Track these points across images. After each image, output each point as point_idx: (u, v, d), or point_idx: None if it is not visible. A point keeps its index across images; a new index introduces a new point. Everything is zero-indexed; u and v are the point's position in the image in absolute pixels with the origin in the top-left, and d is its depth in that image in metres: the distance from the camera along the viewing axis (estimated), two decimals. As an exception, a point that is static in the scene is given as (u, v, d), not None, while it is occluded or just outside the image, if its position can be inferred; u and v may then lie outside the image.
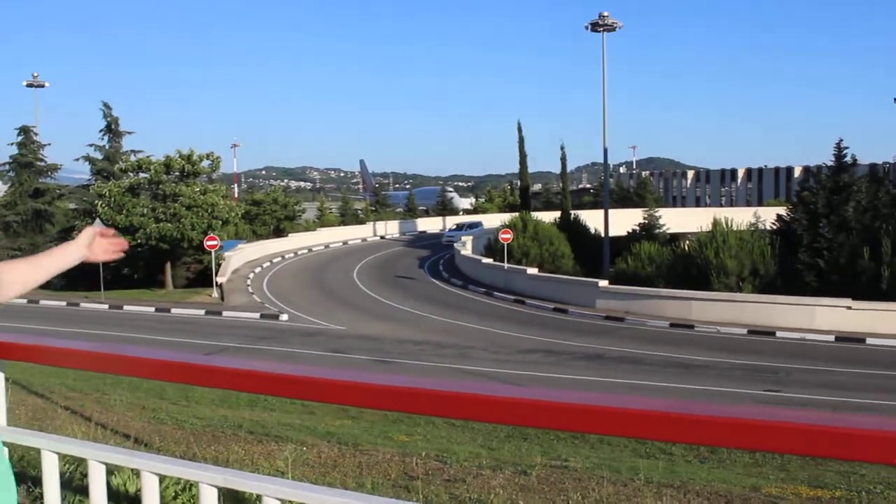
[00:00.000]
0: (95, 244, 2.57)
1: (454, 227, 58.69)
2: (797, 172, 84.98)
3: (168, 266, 42.58)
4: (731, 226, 32.36)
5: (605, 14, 45.24)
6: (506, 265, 37.90)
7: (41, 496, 2.77)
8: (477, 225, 55.45)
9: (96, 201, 42.22)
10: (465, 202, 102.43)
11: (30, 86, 57.57)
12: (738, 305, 28.05)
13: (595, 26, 45.68)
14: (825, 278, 29.85)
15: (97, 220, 37.84)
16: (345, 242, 60.24)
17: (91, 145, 49.47)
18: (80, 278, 39.37)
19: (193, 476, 2.30)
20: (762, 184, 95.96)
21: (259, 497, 2.19)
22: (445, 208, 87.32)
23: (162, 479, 2.48)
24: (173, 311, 34.15)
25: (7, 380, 2.67)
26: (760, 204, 72.03)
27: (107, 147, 49.07)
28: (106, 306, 35.23)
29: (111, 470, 4.14)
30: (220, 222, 41.95)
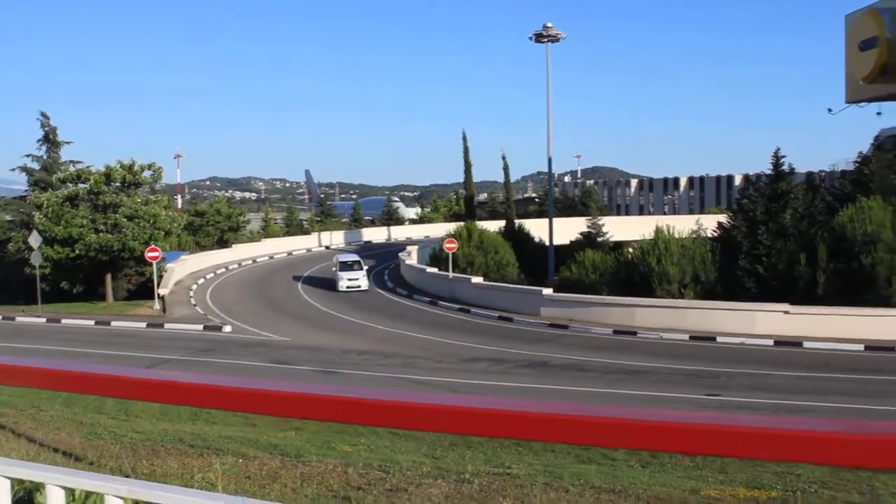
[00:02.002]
0: None
1: (340, 262, 43.30)
2: (738, 181, 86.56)
3: (108, 278, 41.81)
4: (674, 233, 32.77)
5: (549, 25, 45.54)
6: (451, 274, 37.95)
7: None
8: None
9: (33, 212, 41.35)
10: (411, 212, 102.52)
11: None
12: (680, 312, 28.43)
13: (539, 37, 45.98)
14: (764, 284, 30.40)
15: (34, 232, 37.03)
16: (290, 253, 59.84)
17: (28, 155, 48.60)
18: (18, 292, 38.57)
19: (98, 488, 2.25)
20: (704, 192, 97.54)
21: None
22: (391, 218, 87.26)
23: (70, 491, 2.42)
24: (113, 323, 33.55)
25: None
26: (702, 212, 73.15)
27: (45, 157, 48.15)
28: (43, 320, 34.46)
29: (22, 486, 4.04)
30: (163, 233, 41.33)
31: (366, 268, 43.12)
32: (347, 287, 40.58)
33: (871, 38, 26.98)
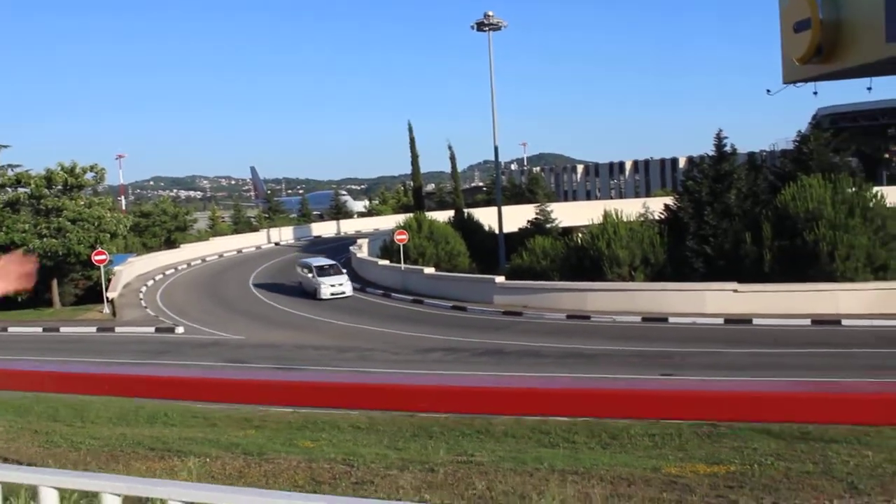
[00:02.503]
0: None
1: (316, 267, 38.21)
2: (682, 163, 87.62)
3: (54, 283, 41.03)
4: (622, 217, 33.15)
5: (491, 14, 45.65)
6: (402, 266, 37.95)
7: None
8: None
9: (-30, 219, 40.42)
10: (359, 205, 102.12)
11: None
12: (631, 294, 28.80)
13: (481, 26, 46.09)
14: (712, 264, 30.93)
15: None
16: (239, 251, 59.27)
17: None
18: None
19: (95, 487, 2.26)
20: (649, 175, 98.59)
21: (164, 502, 2.17)
22: (340, 212, 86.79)
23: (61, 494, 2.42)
24: (62, 329, 33.00)
25: None
26: (648, 195, 73.95)
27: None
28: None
29: (6, 494, 4.01)
30: (109, 235, 40.65)
31: (345, 271, 38.72)
32: (332, 294, 36.09)
33: (804, 20, 27.47)
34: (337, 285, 36.57)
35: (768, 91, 32.39)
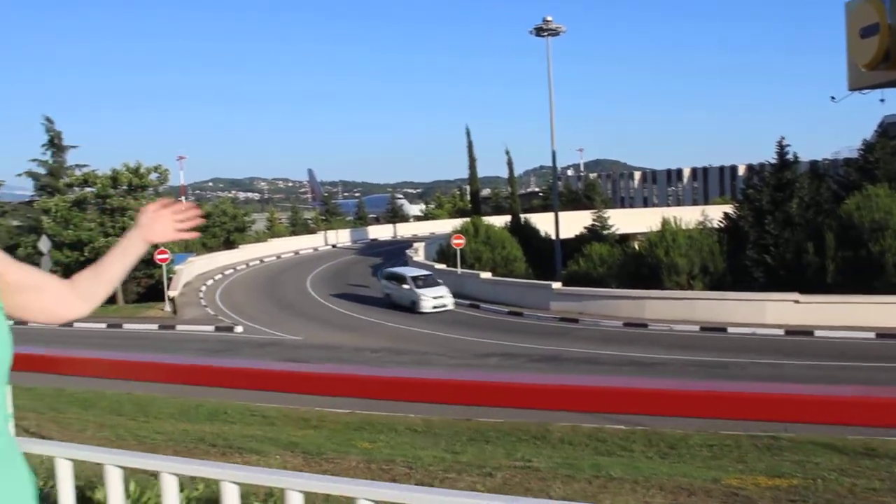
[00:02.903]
0: (155, 222, 2.27)
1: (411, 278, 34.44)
2: (741, 171, 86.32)
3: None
4: (680, 225, 32.84)
5: (549, 19, 45.52)
6: (459, 270, 38.04)
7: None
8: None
9: (42, 217, 41.49)
10: (415, 208, 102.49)
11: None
12: (690, 303, 28.49)
13: (539, 31, 45.99)
14: (772, 273, 30.47)
15: (43, 237, 37.19)
16: (296, 252, 59.90)
17: (34, 160, 48.55)
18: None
19: (216, 475, 2.35)
20: (707, 183, 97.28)
21: (282, 491, 2.25)
22: (396, 215, 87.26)
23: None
24: (125, 326, 33.71)
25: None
26: (706, 203, 73.03)
27: (50, 162, 48.15)
28: (54, 324, 34.55)
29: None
30: (170, 235, 41.40)
31: (441, 281, 35.21)
32: (434, 307, 32.74)
33: (872, 25, 27.03)
34: (439, 297, 33.40)
35: (833, 98, 31.91)
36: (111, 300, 41.79)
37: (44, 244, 36.58)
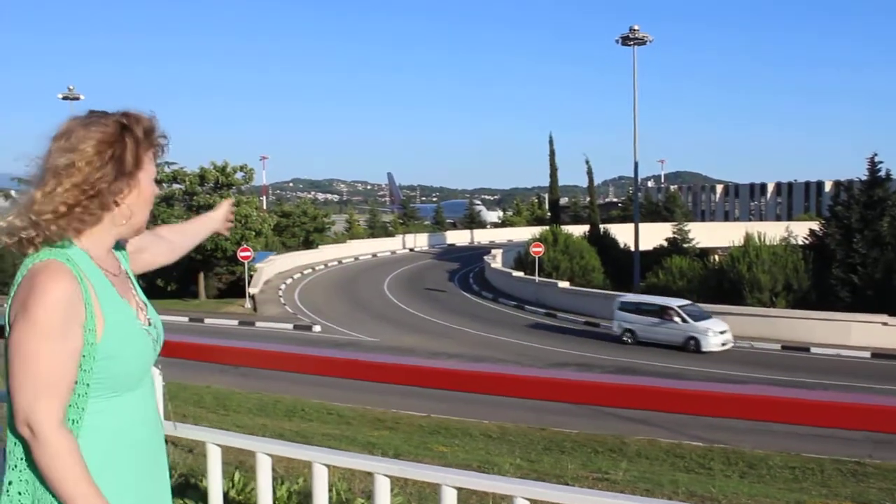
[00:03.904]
0: (227, 216, 2.63)
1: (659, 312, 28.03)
2: (828, 187, 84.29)
3: (201, 276, 42.94)
4: (764, 240, 32.23)
5: (636, 28, 45.14)
6: (537, 278, 37.96)
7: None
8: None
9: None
10: (493, 215, 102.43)
11: (65, 98, 57.58)
12: (772, 321, 27.93)
13: (626, 40, 45.64)
14: (859, 294, 29.70)
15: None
16: (374, 255, 60.44)
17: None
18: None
19: (368, 467, 2.43)
20: (792, 198, 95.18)
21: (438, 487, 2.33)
22: (473, 221, 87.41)
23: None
24: (207, 321, 34.43)
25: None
26: (790, 219, 71.42)
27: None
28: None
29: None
30: (253, 233, 42.28)
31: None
32: (722, 345, 26.52)
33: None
34: (724, 332, 26.87)
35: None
36: (193, 294, 42.86)
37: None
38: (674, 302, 28.51)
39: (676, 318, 27.27)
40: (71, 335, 1.77)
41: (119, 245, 2.10)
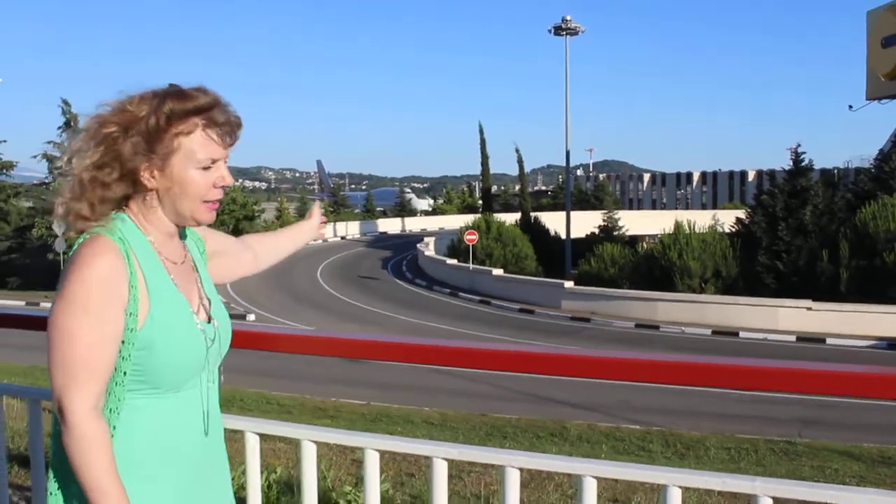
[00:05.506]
0: (321, 221, 2.61)
1: None
2: (751, 176, 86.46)
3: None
4: (693, 228, 32.89)
5: (569, 18, 45.45)
6: (471, 266, 38.13)
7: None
8: None
9: (56, 199, 41.50)
10: (424, 203, 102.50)
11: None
12: (702, 306, 28.54)
13: (558, 30, 45.92)
14: (784, 280, 30.52)
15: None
16: (306, 243, 59.82)
17: (49, 142, 48.31)
18: (40, 278, 38.79)
19: (427, 451, 2.39)
20: (717, 187, 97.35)
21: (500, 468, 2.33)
22: (404, 209, 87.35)
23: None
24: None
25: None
26: (715, 207, 73.04)
27: (66, 144, 47.67)
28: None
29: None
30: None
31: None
32: None
33: (893, 35, 27.03)
34: None
35: (850, 107, 31.95)
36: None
37: (58, 226, 36.74)
38: None
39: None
40: (110, 316, 1.68)
41: (193, 235, 2.03)
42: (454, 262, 40.57)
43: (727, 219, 38.35)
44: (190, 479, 1.86)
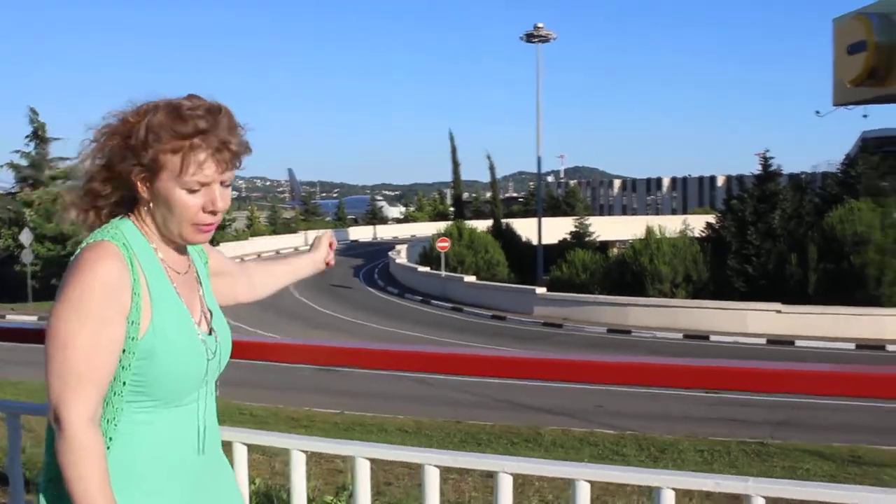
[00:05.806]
0: (327, 254, 2.53)
1: None
2: (720, 181, 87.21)
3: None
4: (664, 233, 33.11)
5: (541, 25, 45.57)
6: (443, 273, 38.11)
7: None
8: None
9: (23, 209, 41.09)
10: (396, 211, 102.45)
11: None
12: (673, 311, 28.73)
13: (530, 37, 46.00)
14: (754, 284, 30.81)
15: (25, 230, 36.92)
16: (277, 252, 59.53)
17: (16, 151, 47.67)
18: (6, 290, 38.32)
19: (418, 459, 2.36)
20: (686, 192, 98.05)
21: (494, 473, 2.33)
22: (375, 217, 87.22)
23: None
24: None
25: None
26: (686, 212, 73.50)
27: (33, 154, 47.39)
28: (34, 318, 34.21)
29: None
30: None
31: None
32: None
33: (858, 42, 27.29)
34: None
35: (817, 113, 32.21)
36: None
37: (25, 237, 36.31)
38: None
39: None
40: (110, 323, 1.64)
41: (197, 247, 2.01)
42: (426, 269, 40.55)
43: (697, 224, 38.61)
44: (193, 494, 1.83)
